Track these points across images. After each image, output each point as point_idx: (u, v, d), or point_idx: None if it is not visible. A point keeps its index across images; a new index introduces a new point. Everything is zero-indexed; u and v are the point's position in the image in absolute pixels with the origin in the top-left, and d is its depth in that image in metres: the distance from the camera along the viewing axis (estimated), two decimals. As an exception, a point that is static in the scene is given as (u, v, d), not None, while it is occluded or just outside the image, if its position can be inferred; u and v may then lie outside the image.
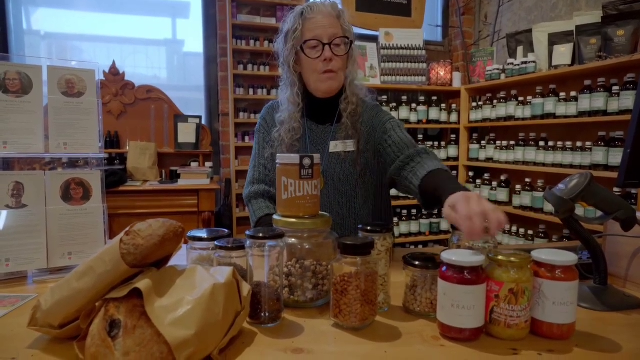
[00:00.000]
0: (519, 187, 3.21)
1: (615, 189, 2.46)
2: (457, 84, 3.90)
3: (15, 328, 0.80)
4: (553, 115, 2.92)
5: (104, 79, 3.50)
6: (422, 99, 3.80)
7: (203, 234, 0.92)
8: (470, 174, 3.81)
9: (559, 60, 2.92)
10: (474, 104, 3.74)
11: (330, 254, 0.93)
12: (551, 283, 0.76)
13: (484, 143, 3.61)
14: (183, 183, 3.25)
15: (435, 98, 3.90)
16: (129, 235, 0.69)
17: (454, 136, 3.92)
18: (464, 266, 0.75)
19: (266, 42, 3.79)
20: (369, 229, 0.90)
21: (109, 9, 3.71)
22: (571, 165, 2.78)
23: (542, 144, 3.04)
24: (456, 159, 3.89)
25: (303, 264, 0.90)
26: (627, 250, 1.05)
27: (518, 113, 3.21)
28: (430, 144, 3.80)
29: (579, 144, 2.73)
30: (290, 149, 1.33)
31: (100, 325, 0.65)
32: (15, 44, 3.48)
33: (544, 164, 2.98)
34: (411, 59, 3.76)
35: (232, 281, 0.75)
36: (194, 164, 3.68)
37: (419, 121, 3.76)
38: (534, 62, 3.11)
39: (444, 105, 3.86)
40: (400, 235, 3.74)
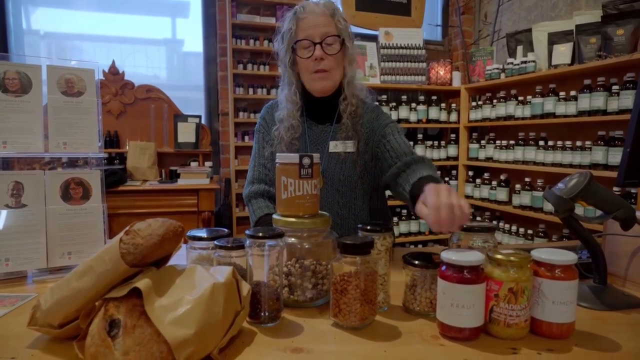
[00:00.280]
0: (518, 187, 3.22)
1: (614, 188, 2.45)
2: (457, 83, 3.90)
3: (15, 327, 0.80)
4: (553, 115, 2.92)
5: (104, 78, 3.50)
6: (422, 98, 3.80)
7: (203, 233, 0.92)
8: (470, 173, 3.82)
9: (559, 59, 2.92)
10: (474, 104, 3.74)
11: (329, 253, 0.93)
12: (551, 282, 0.76)
13: (483, 142, 3.61)
14: (183, 183, 3.25)
15: (435, 97, 3.90)
16: (129, 234, 0.69)
17: (453, 135, 3.92)
18: (463, 265, 0.75)
19: (266, 42, 3.78)
20: (369, 228, 0.90)
21: (109, 9, 3.71)
22: (571, 165, 2.78)
23: (542, 143, 3.04)
24: (456, 159, 3.89)
25: (303, 263, 0.90)
26: (627, 249, 1.05)
27: (518, 112, 3.21)
28: (430, 143, 3.80)
29: (578, 144, 2.73)
30: (289, 147, 1.33)
31: (99, 325, 0.65)
32: (14, 43, 3.47)
33: (544, 164, 2.98)
34: (411, 58, 3.76)
35: (232, 281, 0.75)
36: (193, 164, 3.68)
37: (419, 120, 3.76)
38: (534, 62, 3.11)
39: (443, 105, 3.86)
40: (400, 234, 3.74)
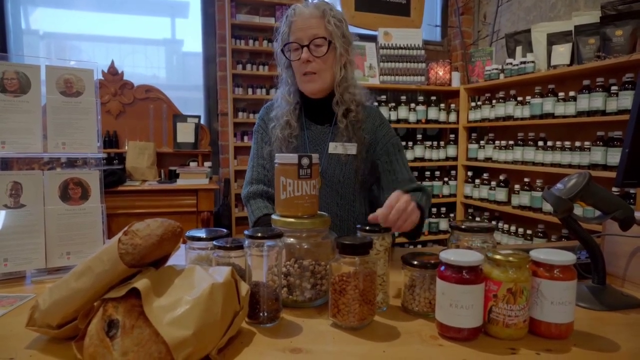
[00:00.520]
0: (517, 187, 3.22)
1: (613, 188, 2.46)
2: (456, 83, 3.90)
3: (13, 328, 0.80)
4: (552, 115, 2.93)
5: (103, 78, 3.50)
6: (421, 98, 3.81)
7: (202, 233, 0.92)
8: (469, 173, 3.82)
9: (558, 60, 2.92)
10: (473, 104, 3.74)
11: (328, 253, 0.93)
12: (549, 282, 0.76)
13: (482, 143, 3.61)
14: (182, 183, 3.25)
15: (434, 98, 3.90)
16: (127, 235, 0.69)
17: (452, 136, 3.92)
18: (462, 266, 0.75)
19: (265, 42, 3.78)
20: (368, 228, 0.90)
21: (108, 9, 3.71)
22: (570, 165, 2.78)
23: (541, 143, 3.04)
24: (455, 159, 3.90)
25: (301, 263, 0.90)
26: (626, 249, 1.05)
27: (517, 113, 3.21)
28: (429, 143, 3.80)
29: (577, 144, 2.73)
30: (287, 145, 1.32)
31: (98, 325, 0.65)
32: (13, 43, 3.47)
33: (543, 164, 2.99)
34: (410, 58, 3.76)
35: (231, 281, 0.75)
36: (192, 164, 3.68)
37: (418, 121, 3.76)
38: (533, 62, 3.11)
39: (442, 105, 3.86)
40: (399, 235, 3.73)
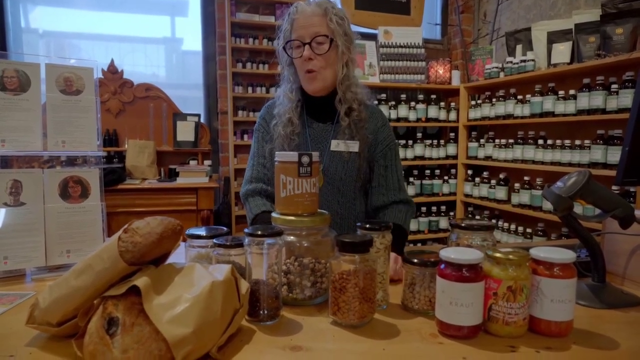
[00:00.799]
0: (517, 185, 3.22)
1: (613, 186, 2.46)
2: (456, 82, 3.89)
3: (13, 326, 0.80)
4: (552, 114, 2.92)
5: (103, 77, 3.50)
6: (421, 97, 3.80)
7: (202, 231, 0.92)
8: (469, 172, 3.82)
9: (558, 58, 2.92)
10: (473, 102, 3.74)
11: (328, 251, 0.93)
12: (549, 280, 0.76)
13: (482, 141, 3.61)
14: (182, 181, 3.25)
15: (434, 96, 3.90)
16: (127, 232, 0.69)
17: (452, 134, 3.92)
18: (462, 264, 0.75)
19: (265, 40, 3.78)
20: (368, 226, 0.90)
21: (108, 7, 3.70)
22: (570, 164, 2.78)
23: (541, 142, 3.04)
24: (455, 157, 3.89)
25: (302, 261, 0.90)
26: (625, 248, 1.05)
27: (517, 111, 3.21)
28: (429, 142, 3.80)
29: (577, 142, 2.73)
30: (289, 143, 1.31)
31: (98, 323, 0.65)
32: (13, 42, 3.47)
33: (543, 162, 2.99)
34: (410, 57, 3.75)
35: (231, 279, 0.75)
36: (192, 162, 3.68)
37: (418, 119, 3.76)
38: (533, 61, 3.11)
39: (442, 104, 3.86)
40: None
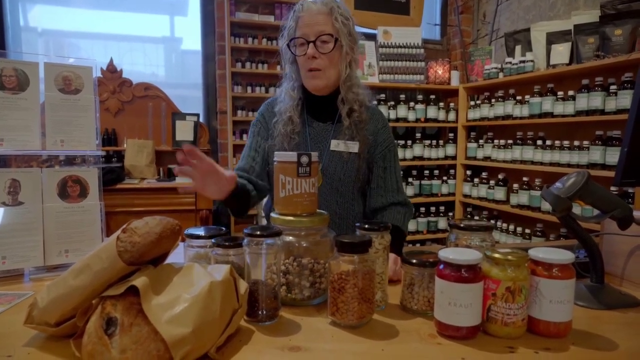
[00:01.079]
0: (516, 186, 3.22)
1: (612, 187, 2.46)
2: (455, 82, 3.90)
3: (11, 326, 0.80)
4: (551, 114, 2.93)
5: (101, 76, 3.49)
6: (420, 97, 3.81)
7: (200, 231, 0.92)
8: (468, 172, 3.82)
9: (557, 59, 2.92)
10: (472, 103, 3.74)
11: (327, 252, 0.93)
12: (548, 281, 0.76)
13: (481, 142, 3.62)
14: (181, 181, 3.24)
15: (433, 96, 3.90)
16: (126, 232, 0.69)
17: (452, 135, 3.93)
18: (461, 264, 0.75)
19: (264, 40, 3.78)
20: (367, 227, 0.90)
21: (107, 6, 3.70)
22: (568, 164, 2.78)
23: (540, 142, 3.04)
24: (454, 158, 3.90)
25: (300, 262, 0.90)
26: (624, 248, 1.05)
27: (516, 112, 3.21)
28: (428, 142, 3.81)
29: (576, 143, 2.73)
30: (289, 141, 1.31)
31: (96, 323, 0.65)
32: (12, 40, 3.46)
33: (542, 163, 2.99)
34: (409, 57, 3.76)
35: (230, 279, 0.75)
36: (191, 162, 3.66)
37: (417, 119, 3.76)
38: (532, 61, 3.11)
39: (442, 104, 3.86)
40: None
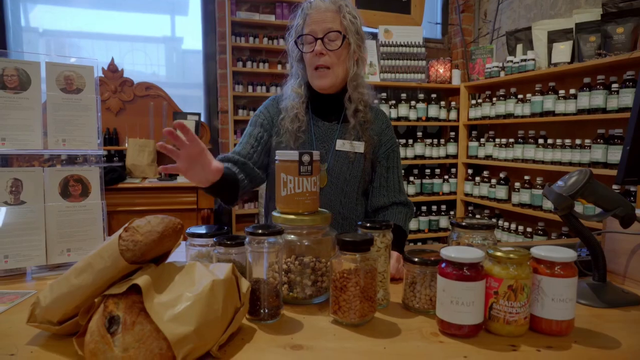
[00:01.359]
0: (518, 185, 3.22)
1: (614, 186, 2.46)
2: (457, 81, 3.89)
3: (14, 324, 0.80)
4: (552, 113, 2.92)
5: (103, 75, 3.49)
6: (422, 96, 3.80)
7: (202, 230, 0.92)
8: (470, 171, 3.82)
9: (559, 57, 2.92)
10: (473, 102, 3.74)
11: (329, 250, 0.93)
12: (550, 279, 0.76)
13: (483, 140, 3.61)
14: (182, 180, 3.24)
15: (434, 95, 3.90)
16: (128, 231, 0.69)
17: (453, 134, 3.92)
18: (463, 263, 0.75)
19: (265, 39, 3.77)
20: (369, 225, 0.90)
21: (108, 6, 3.70)
22: (570, 163, 2.78)
23: (542, 141, 3.04)
24: (455, 157, 3.89)
25: (302, 260, 0.90)
26: (626, 247, 1.05)
27: (517, 111, 3.21)
28: (429, 141, 3.80)
29: (578, 142, 2.73)
30: (296, 140, 1.30)
31: (99, 322, 0.65)
32: (13, 40, 3.46)
33: (543, 162, 2.98)
34: (410, 56, 3.75)
35: (231, 277, 0.75)
36: (193, 162, 3.66)
37: (418, 118, 3.76)
38: (533, 60, 3.11)
39: (443, 103, 3.86)
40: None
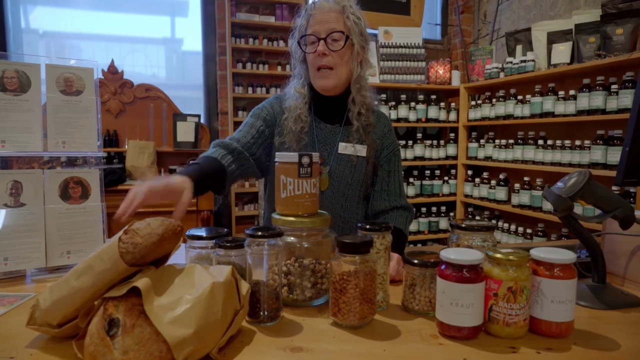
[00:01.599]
0: (517, 186, 3.22)
1: (614, 187, 2.46)
2: (456, 82, 3.89)
3: (13, 327, 0.80)
4: (552, 114, 2.92)
5: (103, 77, 3.50)
6: (421, 97, 3.80)
7: (202, 232, 0.92)
8: (469, 172, 3.82)
9: (558, 58, 2.92)
10: (473, 103, 3.74)
11: (329, 252, 0.93)
12: (550, 281, 0.76)
13: (482, 142, 3.61)
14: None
15: (434, 96, 3.90)
16: (128, 233, 0.69)
17: (452, 135, 3.92)
18: (462, 264, 0.75)
19: (265, 40, 3.78)
20: (368, 227, 0.90)
21: (108, 8, 3.70)
22: (570, 164, 2.78)
23: (541, 142, 3.04)
24: (455, 158, 3.89)
25: (302, 262, 0.90)
26: (626, 248, 1.05)
27: (517, 112, 3.21)
28: (429, 142, 3.80)
29: (577, 143, 2.73)
30: (299, 142, 1.29)
31: (99, 324, 0.65)
32: (13, 42, 3.46)
33: (543, 163, 2.99)
34: (410, 57, 3.75)
35: (231, 280, 0.75)
36: (192, 163, 3.67)
37: (418, 120, 3.76)
38: (533, 61, 3.11)
39: (442, 104, 3.86)
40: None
